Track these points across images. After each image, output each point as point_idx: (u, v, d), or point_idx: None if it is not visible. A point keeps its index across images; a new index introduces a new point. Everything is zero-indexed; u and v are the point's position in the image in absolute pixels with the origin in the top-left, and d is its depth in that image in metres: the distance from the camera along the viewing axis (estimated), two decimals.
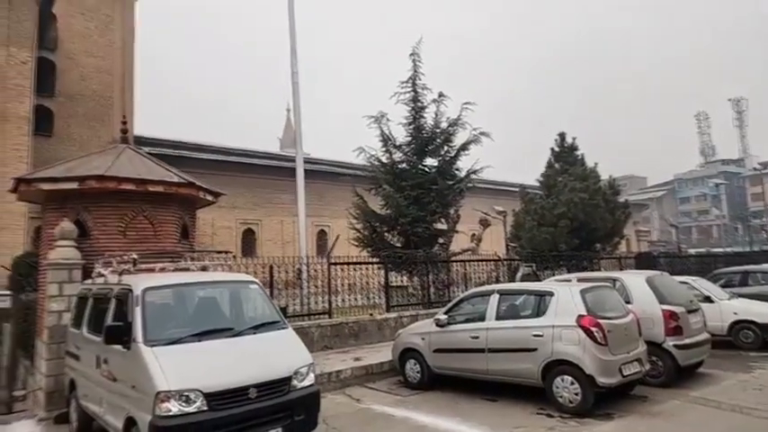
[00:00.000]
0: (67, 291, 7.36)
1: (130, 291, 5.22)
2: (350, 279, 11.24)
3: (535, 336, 6.74)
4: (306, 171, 13.72)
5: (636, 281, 8.34)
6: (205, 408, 4.40)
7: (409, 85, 14.79)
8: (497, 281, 13.27)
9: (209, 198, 9.60)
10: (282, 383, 4.93)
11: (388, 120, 14.61)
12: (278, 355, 5.20)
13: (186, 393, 4.36)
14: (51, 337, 7.18)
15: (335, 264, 10.96)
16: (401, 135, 14.87)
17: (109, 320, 5.33)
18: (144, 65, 23.46)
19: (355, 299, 11.30)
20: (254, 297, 5.98)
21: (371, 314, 11.20)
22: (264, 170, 24.37)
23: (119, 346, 4.92)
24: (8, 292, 10.29)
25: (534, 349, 6.72)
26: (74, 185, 7.81)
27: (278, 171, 23.95)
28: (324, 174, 24.45)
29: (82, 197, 7.97)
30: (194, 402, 4.37)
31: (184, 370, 4.53)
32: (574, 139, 21.04)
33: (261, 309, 5.90)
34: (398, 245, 14.06)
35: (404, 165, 14.67)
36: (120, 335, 4.89)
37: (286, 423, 4.80)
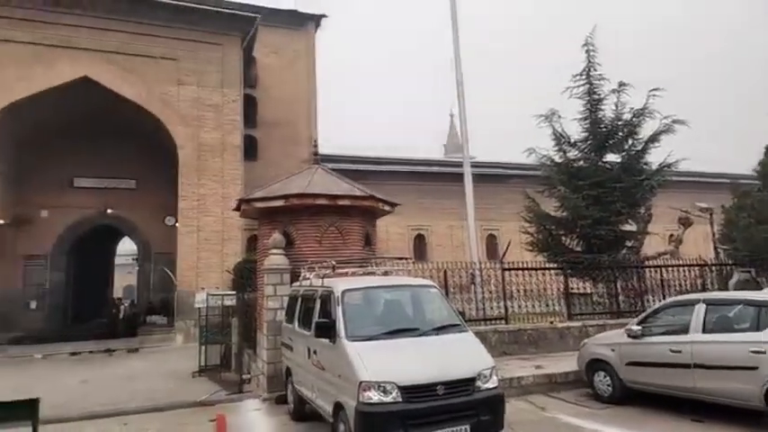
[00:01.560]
0: (280, 291, 8.69)
1: (332, 292, 5.98)
2: (525, 285, 11.01)
3: (755, 352, 5.80)
4: (473, 175, 13.87)
5: None
6: (400, 399, 4.82)
7: (583, 77, 13.91)
8: (704, 288, 11.58)
9: (387, 208, 10.39)
10: (467, 383, 5.13)
11: (559, 116, 13.95)
12: (461, 356, 5.43)
13: (383, 384, 4.84)
14: (269, 330, 8.55)
15: (509, 269, 10.85)
16: (575, 131, 14.06)
17: (316, 317, 6.16)
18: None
19: (532, 305, 11.01)
20: (434, 300, 6.32)
21: (551, 322, 10.78)
22: (432, 177, 25.19)
23: (325, 340, 5.67)
24: (234, 292, 12.45)
25: (754, 368, 5.78)
26: (280, 203, 9.22)
27: (445, 177, 24.53)
28: (491, 177, 24.25)
29: (287, 212, 9.36)
30: (390, 393, 4.82)
31: (381, 364, 5.03)
32: None
33: (441, 311, 6.20)
34: (578, 249, 13.23)
35: (580, 163, 13.80)
36: (327, 330, 5.63)
37: (473, 421, 4.98)
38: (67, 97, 17.51)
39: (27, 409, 3.95)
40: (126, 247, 31.14)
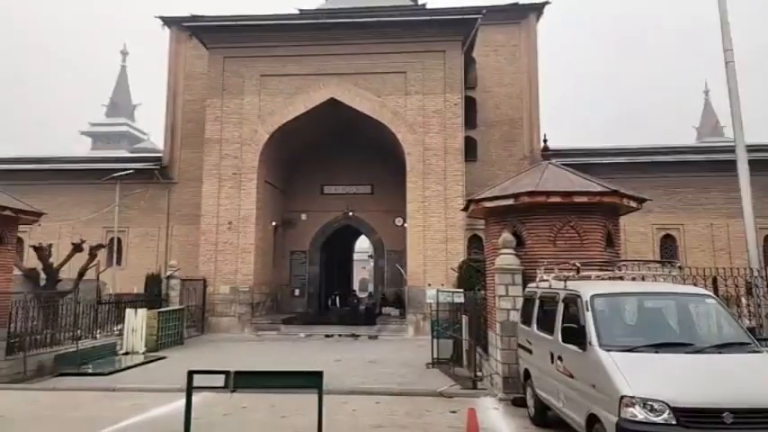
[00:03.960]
0: (512, 292, 8.52)
1: (579, 296, 5.53)
2: None
3: None
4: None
5: None
6: (673, 422, 4.17)
7: None
8: None
9: (633, 204, 9.27)
10: (766, 414, 4.16)
11: None
12: (758, 380, 4.43)
13: (651, 403, 4.25)
14: (502, 330, 8.44)
15: None
16: None
17: (559, 322, 5.79)
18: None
19: None
20: (712, 312, 5.36)
21: None
22: (683, 167, 21.42)
23: (573, 347, 5.27)
24: (461, 290, 12.73)
25: None
26: (510, 202, 9.03)
27: (701, 166, 20.80)
28: None
29: (516, 211, 9.13)
30: (661, 413, 4.20)
31: (646, 379, 4.44)
32: None
33: (721, 326, 5.26)
34: None
35: None
36: (576, 336, 5.23)
37: None
38: (317, 117, 20.57)
39: (315, 379, 4.70)
40: (360, 244, 35.29)
